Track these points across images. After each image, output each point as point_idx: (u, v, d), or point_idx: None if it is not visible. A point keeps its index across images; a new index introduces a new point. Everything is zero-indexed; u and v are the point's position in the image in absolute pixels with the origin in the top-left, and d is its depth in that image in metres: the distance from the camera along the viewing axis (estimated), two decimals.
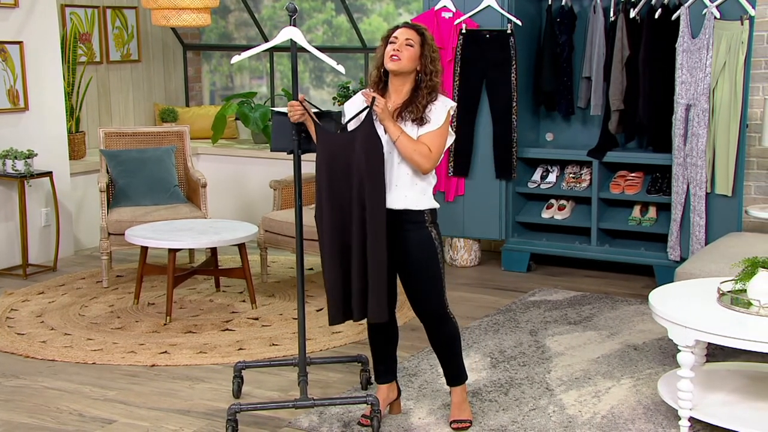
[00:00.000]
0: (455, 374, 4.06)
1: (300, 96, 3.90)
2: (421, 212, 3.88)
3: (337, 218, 3.81)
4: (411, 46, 3.80)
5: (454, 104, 3.92)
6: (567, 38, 6.56)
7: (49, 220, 7.01)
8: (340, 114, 4.03)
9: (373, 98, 3.76)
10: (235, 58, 4.00)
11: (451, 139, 3.92)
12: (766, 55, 6.14)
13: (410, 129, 3.82)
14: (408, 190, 3.85)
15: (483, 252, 7.08)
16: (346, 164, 3.78)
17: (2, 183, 6.73)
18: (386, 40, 3.85)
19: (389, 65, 3.80)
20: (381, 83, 3.89)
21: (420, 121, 3.81)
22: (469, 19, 6.47)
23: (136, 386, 4.59)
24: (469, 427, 4.04)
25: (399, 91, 3.86)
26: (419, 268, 3.88)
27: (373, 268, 3.77)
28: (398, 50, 3.78)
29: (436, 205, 3.95)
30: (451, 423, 4.06)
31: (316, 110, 3.93)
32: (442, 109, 3.84)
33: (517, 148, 6.54)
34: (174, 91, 9.02)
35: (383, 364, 4.12)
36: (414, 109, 3.81)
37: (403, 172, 3.83)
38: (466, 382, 4.13)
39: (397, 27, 3.88)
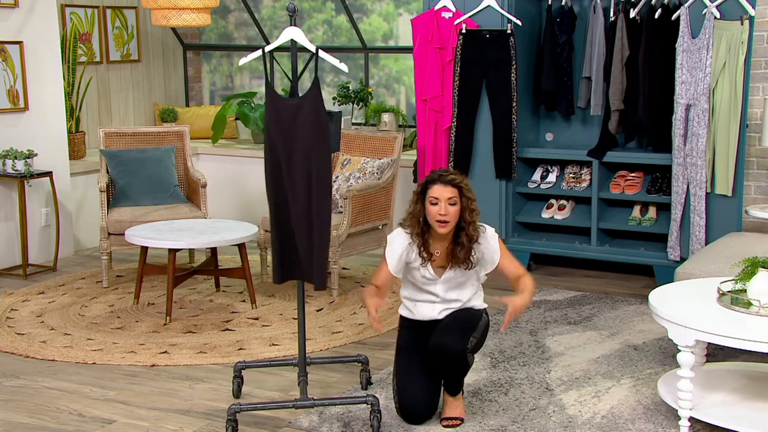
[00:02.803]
0: (454, 388, 4.06)
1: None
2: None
3: (285, 182, 3.82)
4: (454, 204, 3.89)
5: (493, 230, 4.06)
6: (567, 38, 6.56)
7: (49, 220, 7.01)
8: (340, 114, 4.04)
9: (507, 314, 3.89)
10: (242, 61, 4.05)
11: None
12: (766, 55, 6.14)
13: (460, 273, 4.00)
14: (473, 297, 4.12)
15: None
16: (292, 129, 3.80)
17: (2, 183, 6.73)
18: (421, 195, 3.94)
19: (440, 230, 3.91)
20: (423, 233, 3.97)
21: (469, 265, 3.97)
22: (469, 19, 6.47)
23: (136, 386, 4.59)
24: (460, 424, 4.03)
25: (442, 238, 3.97)
26: (459, 317, 4.03)
27: (318, 235, 3.82)
28: (444, 215, 3.87)
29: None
30: (441, 420, 4.03)
31: None
32: (490, 242, 4.01)
33: (517, 148, 6.54)
34: (174, 91, 9.02)
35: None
36: (460, 259, 3.95)
37: (471, 288, 4.09)
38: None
39: (432, 181, 3.93)
